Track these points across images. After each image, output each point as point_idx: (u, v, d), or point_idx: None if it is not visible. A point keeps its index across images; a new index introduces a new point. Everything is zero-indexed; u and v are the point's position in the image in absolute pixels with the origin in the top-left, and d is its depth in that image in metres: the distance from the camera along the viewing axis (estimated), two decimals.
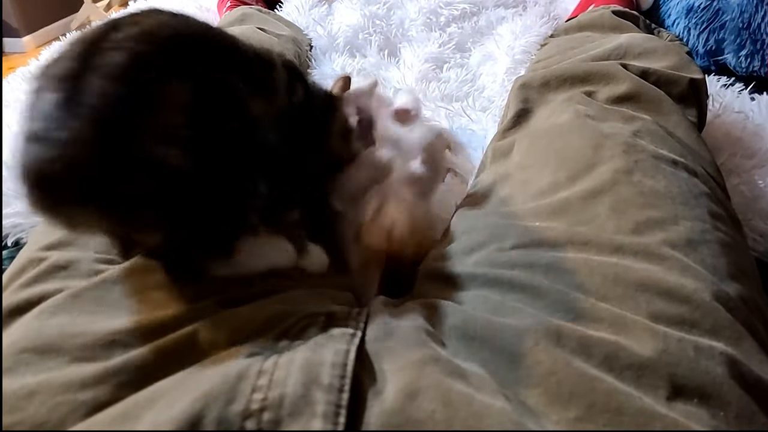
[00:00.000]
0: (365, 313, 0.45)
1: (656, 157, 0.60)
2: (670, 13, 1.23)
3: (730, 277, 0.49)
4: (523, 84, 0.81)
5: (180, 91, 0.41)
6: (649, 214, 0.53)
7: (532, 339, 0.42)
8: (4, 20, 3.19)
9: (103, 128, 0.38)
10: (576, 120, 0.68)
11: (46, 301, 0.46)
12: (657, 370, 0.40)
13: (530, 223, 0.56)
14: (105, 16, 3.40)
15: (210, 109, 0.42)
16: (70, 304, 0.45)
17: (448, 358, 0.40)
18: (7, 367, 0.41)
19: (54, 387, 0.38)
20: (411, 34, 1.31)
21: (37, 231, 0.61)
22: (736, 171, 0.83)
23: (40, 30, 3.38)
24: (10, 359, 0.41)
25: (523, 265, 0.51)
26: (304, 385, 0.35)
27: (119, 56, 0.39)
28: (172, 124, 0.40)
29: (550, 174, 0.61)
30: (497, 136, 0.79)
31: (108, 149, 0.38)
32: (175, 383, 0.37)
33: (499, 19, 1.30)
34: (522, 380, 0.39)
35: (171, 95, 0.40)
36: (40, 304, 0.46)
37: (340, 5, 1.40)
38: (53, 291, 0.46)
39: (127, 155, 0.39)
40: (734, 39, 1.12)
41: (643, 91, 0.72)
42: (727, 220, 0.57)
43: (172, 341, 0.41)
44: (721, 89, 1.03)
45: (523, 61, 1.12)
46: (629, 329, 0.42)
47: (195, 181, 0.42)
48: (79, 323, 0.43)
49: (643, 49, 0.82)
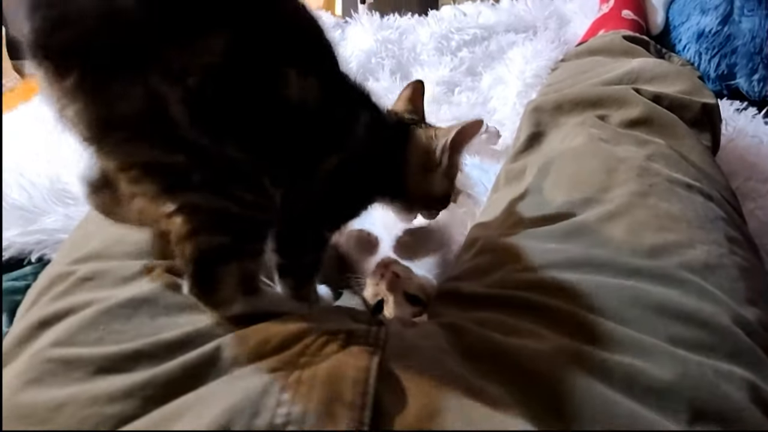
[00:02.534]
0: (384, 332, 0.45)
1: (671, 180, 0.61)
2: (681, 38, 1.24)
3: (748, 302, 0.49)
4: (535, 108, 0.82)
5: (214, 43, 0.38)
6: (665, 238, 0.53)
7: (550, 360, 0.42)
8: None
9: (128, 25, 0.36)
10: (589, 143, 0.68)
11: (75, 313, 0.47)
12: (677, 394, 0.39)
13: (545, 245, 0.56)
14: None
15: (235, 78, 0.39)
16: (98, 319, 0.45)
17: (468, 378, 0.40)
18: (33, 377, 0.41)
19: (82, 400, 0.38)
20: (423, 58, 1.33)
21: (64, 247, 0.62)
22: (751, 195, 0.83)
23: None
24: (37, 368, 0.42)
25: (540, 286, 0.51)
26: (327, 402, 0.35)
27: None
28: (189, 69, 0.37)
29: (565, 196, 0.61)
30: (510, 159, 0.79)
31: (121, 43, 0.36)
32: (201, 398, 0.38)
33: (509, 44, 1.32)
34: (541, 402, 0.39)
35: (203, 42, 0.38)
36: (69, 317, 0.47)
37: (354, 30, 1.43)
38: (82, 303, 0.47)
39: (132, 60, 0.36)
40: (746, 63, 1.13)
41: (656, 116, 0.73)
42: (743, 244, 0.57)
43: (197, 357, 0.42)
44: (735, 113, 1.04)
45: (534, 85, 1.13)
46: (648, 352, 0.42)
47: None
48: (106, 337, 0.44)
49: (655, 74, 0.83)
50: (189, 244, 0.42)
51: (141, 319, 0.46)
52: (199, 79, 0.37)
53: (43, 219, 0.82)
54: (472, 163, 0.98)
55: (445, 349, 0.44)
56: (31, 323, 0.48)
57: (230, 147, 0.41)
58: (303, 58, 0.43)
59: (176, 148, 0.39)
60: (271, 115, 0.42)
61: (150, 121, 0.38)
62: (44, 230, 0.81)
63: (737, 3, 1.12)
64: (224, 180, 0.41)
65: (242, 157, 0.41)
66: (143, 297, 0.48)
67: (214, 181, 0.41)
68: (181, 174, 0.40)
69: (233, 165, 0.41)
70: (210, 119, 0.39)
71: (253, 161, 0.42)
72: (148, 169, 0.40)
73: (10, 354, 0.46)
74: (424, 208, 0.62)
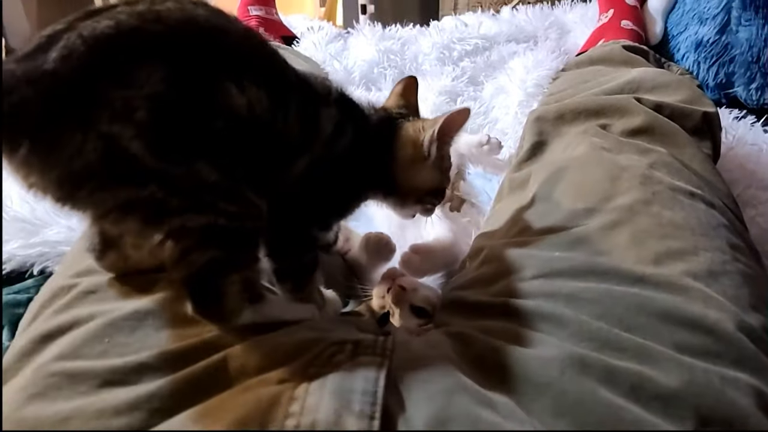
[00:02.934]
0: (391, 341, 0.45)
1: (673, 189, 0.61)
2: (680, 48, 1.25)
3: (752, 308, 0.50)
4: (537, 117, 0.83)
5: (152, 74, 0.38)
6: (669, 245, 0.53)
7: (558, 368, 0.42)
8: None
9: (58, 81, 0.36)
10: (592, 152, 0.69)
11: (79, 326, 0.47)
12: (683, 401, 0.40)
13: (550, 253, 0.56)
14: None
15: (181, 101, 0.39)
16: (102, 331, 0.45)
17: (476, 387, 0.40)
18: (37, 391, 0.41)
19: (88, 413, 0.39)
20: (425, 68, 1.33)
21: (66, 259, 0.62)
22: (752, 203, 0.84)
23: None
24: (42, 382, 0.42)
25: (545, 294, 0.51)
26: (336, 412, 0.36)
27: (105, 23, 0.38)
28: (133, 104, 0.37)
29: (568, 205, 0.62)
30: (513, 168, 0.80)
31: (57, 102, 0.36)
32: (208, 410, 0.38)
33: (510, 54, 1.33)
34: (549, 410, 0.39)
35: (141, 75, 0.37)
36: (72, 331, 0.47)
37: (356, 41, 1.44)
38: (86, 316, 0.47)
39: (74, 114, 0.36)
40: (744, 72, 1.13)
41: (658, 125, 0.74)
42: (746, 251, 0.58)
43: (203, 368, 0.42)
44: (734, 122, 1.04)
45: (535, 94, 1.14)
46: (654, 359, 0.43)
47: (146, 167, 0.38)
48: (111, 350, 0.44)
49: (655, 83, 0.84)
50: (183, 266, 0.43)
51: (146, 331, 0.46)
52: (146, 111, 0.37)
53: (45, 231, 0.82)
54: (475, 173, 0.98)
55: (452, 358, 0.45)
56: (34, 337, 0.48)
57: (198, 165, 0.41)
58: (242, 71, 0.43)
59: (145, 181, 0.39)
60: (221, 130, 0.41)
61: (112, 164, 0.38)
62: (46, 242, 0.80)
63: (735, 13, 1.13)
64: (203, 197, 0.41)
65: (213, 173, 0.41)
66: (147, 309, 0.48)
67: (194, 201, 0.41)
68: (159, 203, 0.40)
69: (207, 182, 0.41)
70: (167, 145, 0.39)
71: (225, 175, 0.42)
72: (126, 208, 0.40)
73: (13, 368, 0.46)
74: (418, 202, 0.61)
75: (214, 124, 0.41)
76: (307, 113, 0.49)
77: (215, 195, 0.42)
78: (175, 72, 0.39)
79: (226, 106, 0.41)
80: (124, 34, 0.38)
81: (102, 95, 0.36)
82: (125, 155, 0.37)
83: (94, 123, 0.36)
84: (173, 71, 0.39)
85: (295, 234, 0.52)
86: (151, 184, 0.39)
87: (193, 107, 0.40)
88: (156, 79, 0.38)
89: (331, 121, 0.51)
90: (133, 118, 0.37)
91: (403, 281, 0.63)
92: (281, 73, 0.48)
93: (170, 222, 0.41)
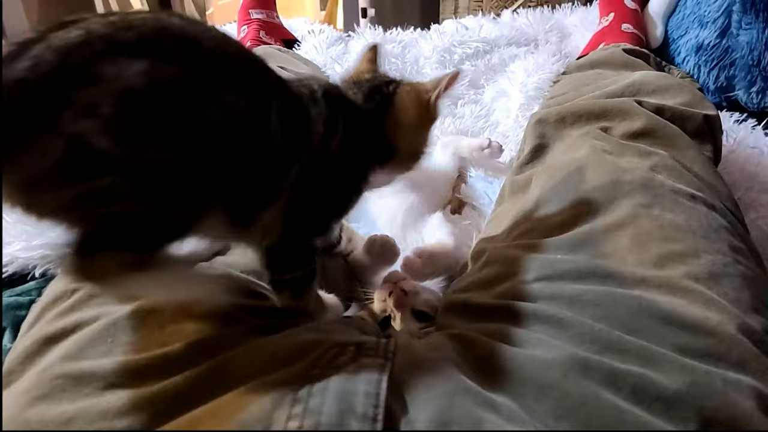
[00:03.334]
0: (393, 344, 0.45)
1: (674, 191, 0.61)
2: (680, 51, 1.26)
3: (754, 310, 0.50)
4: (539, 120, 0.83)
5: (122, 70, 0.37)
6: (670, 248, 0.53)
7: (560, 371, 0.42)
8: None
9: (26, 88, 0.36)
10: (593, 155, 0.69)
11: (82, 328, 0.47)
12: (686, 403, 0.40)
13: (552, 256, 0.56)
14: None
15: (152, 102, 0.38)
16: (105, 331, 0.46)
17: (478, 389, 0.40)
18: (42, 393, 0.41)
19: (92, 414, 0.39)
20: (426, 71, 1.34)
21: None
22: (753, 205, 0.84)
23: None
24: (46, 385, 0.42)
25: (547, 297, 0.51)
26: (339, 414, 0.36)
27: (76, 32, 0.38)
28: (99, 100, 0.36)
29: (570, 207, 0.62)
30: (514, 170, 0.80)
31: (24, 108, 0.35)
32: (211, 412, 0.38)
33: (511, 57, 1.33)
34: (551, 412, 0.39)
35: (108, 75, 0.36)
36: (77, 332, 0.47)
37: (357, 44, 1.44)
38: (90, 318, 0.47)
39: (41, 118, 0.35)
40: (745, 76, 1.14)
41: (659, 127, 0.74)
42: (747, 254, 0.58)
43: (205, 370, 0.42)
44: (735, 125, 1.05)
45: (536, 97, 1.14)
46: (656, 362, 0.43)
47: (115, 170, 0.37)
48: (114, 350, 0.44)
49: (656, 86, 0.84)
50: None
51: (150, 329, 0.46)
52: (112, 106, 0.36)
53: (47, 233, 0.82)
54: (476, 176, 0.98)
55: (454, 360, 0.45)
56: (37, 339, 0.48)
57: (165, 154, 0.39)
58: (217, 78, 0.42)
59: (106, 171, 0.38)
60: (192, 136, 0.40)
61: (76, 162, 0.37)
62: (48, 245, 0.80)
63: (735, 16, 1.14)
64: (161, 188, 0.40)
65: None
66: (150, 307, 0.48)
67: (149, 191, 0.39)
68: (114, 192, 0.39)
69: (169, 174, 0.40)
70: (134, 137, 0.38)
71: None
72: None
73: (16, 371, 0.46)
74: (409, 167, 0.59)
75: (184, 129, 0.39)
76: (294, 119, 0.48)
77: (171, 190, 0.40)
78: (148, 69, 0.38)
79: (197, 113, 0.40)
80: (94, 40, 0.37)
81: (69, 96, 0.36)
82: (88, 151, 0.36)
83: (60, 124, 0.36)
84: (146, 68, 0.38)
85: (294, 247, 0.51)
86: (113, 173, 0.38)
87: (163, 109, 0.39)
88: (128, 74, 0.37)
89: (322, 120, 0.50)
90: (97, 114, 0.36)
91: (405, 285, 0.63)
92: (261, 80, 0.46)
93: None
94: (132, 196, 0.39)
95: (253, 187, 0.45)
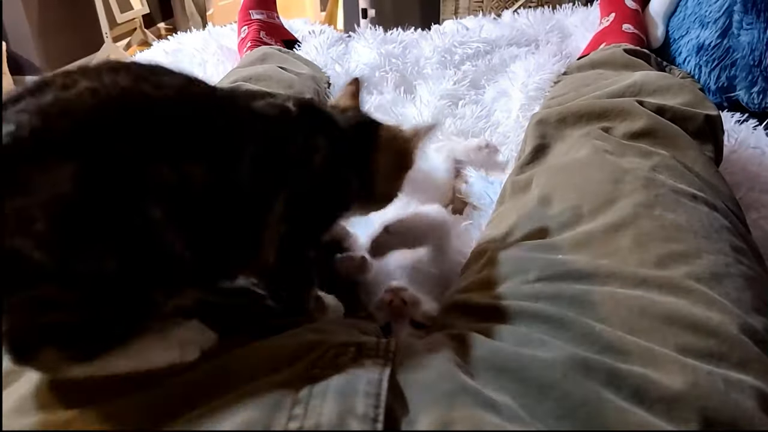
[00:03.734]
0: (394, 344, 0.45)
1: (676, 191, 0.61)
2: (681, 51, 1.26)
3: (755, 311, 0.49)
4: (539, 120, 0.83)
5: (58, 177, 0.34)
6: (671, 248, 0.53)
7: (561, 371, 0.42)
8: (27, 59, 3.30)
9: None
10: (594, 155, 0.69)
11: None
12: (688, 404, 0.39)
13: (553, 256, 0.56)
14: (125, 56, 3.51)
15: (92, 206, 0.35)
16: None
17: (479, 390, 0.40)
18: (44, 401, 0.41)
19: (92, 417, 0.39)
20: (426, 71, 1.34)
21: None
22: (755, 206, 0.84)
23: (62, 69, 3.47)
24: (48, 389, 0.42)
25: (548, 297, 0.51)
26: (339, 415, 0.36)
27: (6, 127, 0.34)
28: (32, 214, 0.33)
29: (571, 208, 0.62)
30: (515, 171, 0.80)
31: None
32: (211, 414, 0.38)
33: (512, 57, 1.33)
34: (552, 412, 0.39)
35: (45, 180, 0.34)
36: None
37: (357, 44, 1.44)
38: None
39: None
40: (746, 76, 1.13)
41: (660, 127, 0.74)
42: (749, 254, 0.58)
43: (206, 370, 0.42)
44: (736, 125, 1.04)
45: (536, 97, 1.14)
46: (658, 362, 0.43)
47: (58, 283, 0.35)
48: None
49: (657, 87, 0.84)
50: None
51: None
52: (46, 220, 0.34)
53: None
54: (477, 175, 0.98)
55: (455, 361, 0.44)
56: None
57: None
58: (173, 146, 0.39)
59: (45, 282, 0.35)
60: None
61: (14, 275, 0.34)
62: None
63: (736, 17, 1.14)
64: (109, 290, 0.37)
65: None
66: None
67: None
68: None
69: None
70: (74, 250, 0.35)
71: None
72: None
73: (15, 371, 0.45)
74: (381, 208, 0.61)
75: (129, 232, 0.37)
76: (271, 153, 0.46)
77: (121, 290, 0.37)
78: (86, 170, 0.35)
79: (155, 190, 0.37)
80: (24, 140, 0.34)
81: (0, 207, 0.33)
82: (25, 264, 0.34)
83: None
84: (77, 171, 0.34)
85: (293, 266, 0.51)
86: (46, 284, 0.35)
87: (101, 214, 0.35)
88: (62, 179, 0.34)
89: (302, 137, 0.49)
90: (32, 229, 0.33)
91: (405, 295, 0.63)
92: (229, 125, 0.44)
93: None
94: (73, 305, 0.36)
95: (234, 243, 0.44)
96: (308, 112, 0.52)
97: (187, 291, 0.43)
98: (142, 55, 1.64)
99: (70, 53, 3.55)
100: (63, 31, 3.41)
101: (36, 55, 3.32)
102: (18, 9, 3.15)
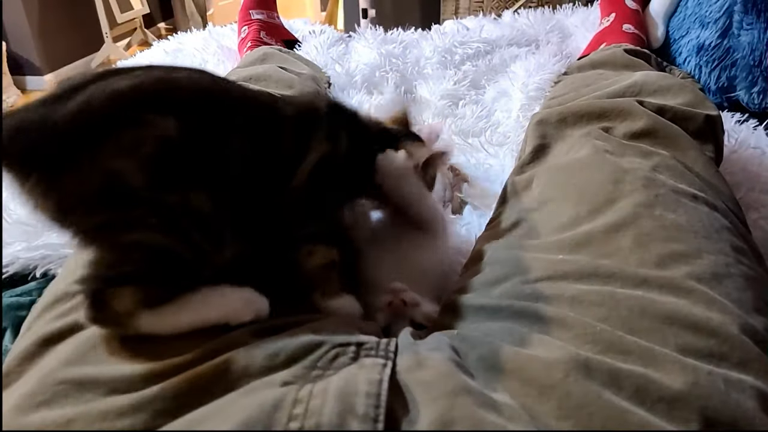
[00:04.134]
0: (394, 344, 0.45)
1: (676, 191, 0.61)
2: (681, 51, 1.26)
3: (756, 311, 0.49)
4: (540, 120, 0.83)
5: (161, 122, 0.43)
6: (672, 248, 0.53)
7: (562, 371, 0.42)
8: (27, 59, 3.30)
9: (75, 122, 0.42)
10: (595, 155, 0.69)
11: (80, 330, 0.47)
12: (688, 404, 0.39)
13: (553, 256, 0.56)
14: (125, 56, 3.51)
15: (186, 145, 0.44)
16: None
17: (479, 390, 0.40)
18: (45, 399, 0.41)
19: (92, 415, 0.39)
20: (426, 71, 1.34)
21: (69, 264, 0.62)
22: (755, 206, 0.84)
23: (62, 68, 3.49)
24: (49, 390, 0.42)
25: (548, 297, 0.51)
26: (340, 415, 0.36)
27: (122, 82, 0.44)
28: (144, 139, 0.43)
29: (572, 208, 0.62)
30: (516, 171, 0.80)
31: (69, 143, 0.41)
32: (211, 413, 0.38)
33: (512, 57, 1.33)
34: (553, 412, 0.39)
35: (159, 122, 0.43)
36: (75, 334, 0.47)
37: (358, 44, 1.45)
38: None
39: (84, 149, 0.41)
40: (746, 76, 1.13)
41: (660, 127, 0.74)
42: (749, 254, 0.58)
43: (206, 370, 0.42)
44: (736, 125, 1.04)
45: (537, 97, 1.14)
46: (658, 362, 0.43)
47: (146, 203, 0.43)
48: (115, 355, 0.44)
49: (658, 87, 0.84)
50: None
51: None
52: (152, 148, 0.43)
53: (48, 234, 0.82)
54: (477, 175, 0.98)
55: (456, 361, 0.44)
56: (35, 340, 0.48)
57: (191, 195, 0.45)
58: (247, 126, 0.50)
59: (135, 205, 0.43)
60: (228, 179, 0.47)
61: (109, 194, 0.43)
62: (49, 245, 0.80)
63: (736, 17, 1.14)
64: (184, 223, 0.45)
65: (207, 204, 0.46)
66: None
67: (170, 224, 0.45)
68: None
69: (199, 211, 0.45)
70: (167, 180, 0.44)
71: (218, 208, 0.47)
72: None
73: (15, 371, 0.46)
74: None
75: (217, 174, 0.47)
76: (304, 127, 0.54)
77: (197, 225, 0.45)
78: (186, 126, 0.45)
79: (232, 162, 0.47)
80: (142, 88, 0.45)
81: (111, 136, 0.42)
82: (123, 186, 0.43)
83: (100, 158, 0.42)
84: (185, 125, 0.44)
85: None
86: (140, 208, 0.44)
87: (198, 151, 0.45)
88: (170, 127, 0.44)
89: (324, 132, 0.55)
90: (140, 152, 0.43)
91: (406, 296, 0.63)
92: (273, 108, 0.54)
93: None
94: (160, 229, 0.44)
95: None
96: (337, 110, 0.60)
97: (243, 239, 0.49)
98: (142, 56, 1.63)
99: (70, 53, 3.55)
100: (63, 31, 3.42)
101: (36, 55, 3.32)
102: (18, 9, 3.15)
